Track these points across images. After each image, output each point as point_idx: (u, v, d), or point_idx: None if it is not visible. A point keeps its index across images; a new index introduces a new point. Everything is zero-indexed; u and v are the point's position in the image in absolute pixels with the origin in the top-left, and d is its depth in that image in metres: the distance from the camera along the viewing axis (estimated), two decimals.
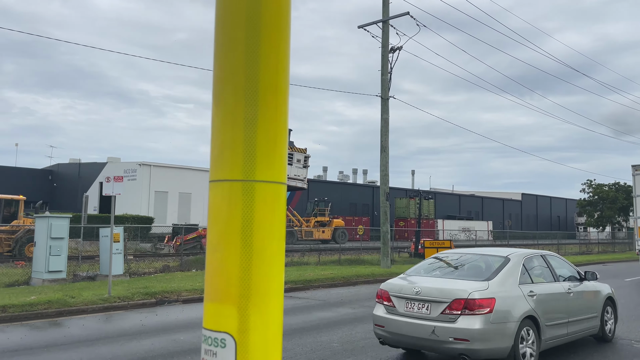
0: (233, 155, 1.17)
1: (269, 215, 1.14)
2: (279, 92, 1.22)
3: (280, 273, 1.15)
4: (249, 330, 1.04)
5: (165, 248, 30.63)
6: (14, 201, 25.19)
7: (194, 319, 10.49)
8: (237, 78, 1.19)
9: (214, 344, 1.06)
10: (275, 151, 1.18)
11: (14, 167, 55.58)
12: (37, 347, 7.92)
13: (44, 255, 14.66)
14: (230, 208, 1.15)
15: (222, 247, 1.13)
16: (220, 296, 1.09)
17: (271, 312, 1.10)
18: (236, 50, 1.20)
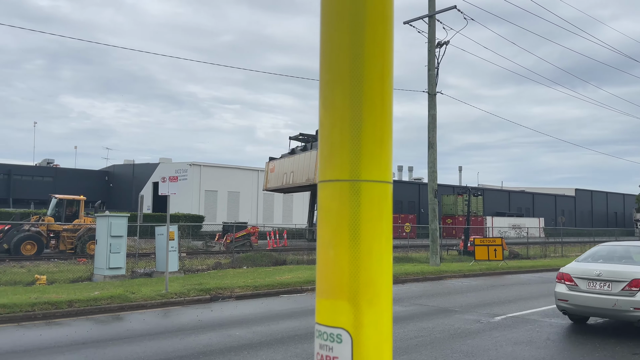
0: (340, 156, 1.24)
1: (376, 213, 1.20)
2: (384, 94, 1.28)
3: (389, 271, 1.21)
4: (363, 326, 1.11)
5: (216, 246, 31.42)
6: (75, 201, 26.44)
7: (248, 315, 10.76)
8: (343, 81, 1.26)
9: (330, 339, 1.13)
10: (381, 151, 1.23)
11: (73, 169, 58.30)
12: (103, 341, 8.35)
13: (105, 252, 15.37)
14: (339, 207, 1.22)
15: (332, 245, 1.21)
16: (334, 293, 1.16)
17: (383, 309, 1.17)
18: (341, 53, 1.27)
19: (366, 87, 1.22)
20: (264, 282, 14.47)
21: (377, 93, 1.24)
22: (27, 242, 24.10)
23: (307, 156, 35.77)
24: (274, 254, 22.27)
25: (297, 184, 36.31)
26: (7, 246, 23.75)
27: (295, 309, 11.45)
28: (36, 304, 10.56)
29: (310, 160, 35.31)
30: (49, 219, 25.52)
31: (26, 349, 7.76)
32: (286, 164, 38.25)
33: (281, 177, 38.30)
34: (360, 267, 1.14)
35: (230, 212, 49.01)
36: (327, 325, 1.14)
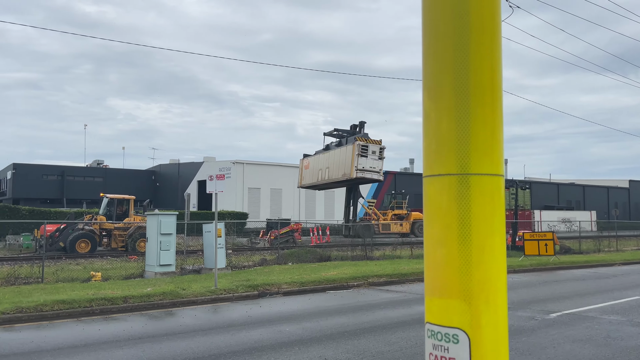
0: (448, 149, 1.19)
1: (488, 208, 1.14)
2: (494, 82, 1.22)
3: (503, 268, 1.15)
4: (481, 327, 1.06)
5: (261, 242, 31.81)
6: (125, 200, 27.31)
7: (296, 311, 10.82)
8: (449, 72, 1.21)
9: (445, 339, 1.08)
10: (492, 142, 1.17)
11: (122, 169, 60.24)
12: (158, 336, 8.57)
13: (155, 250, 15.79)
14: (447, 203, 1.17)
15: (442, 243, 1.16)
16: (447, 292, 1.11)
17: (499, 308, 1.11)
18: (445, 51, 1.22)
19: (475, 76, 1.16)
20: (310, 279, 14.52)
21: (487, 81, 1.18)
22: (81, 241, 25.09)
23: (343, 151, 35.39)
24: (318, 250, 22.31)
25: (334, 179, 35.99)
26: (62, 244, 24.78)
27: (343, 305, 11.44)
28: (94, 300, 10.96)
29: (346, 154, 34.93)
30: (101, 217, 26.48)
31: (86, 344, 8.05)
32: (321, 160, 37.95)
33: (316, 174, 38.15)
34: (474, 265, 1.09)
35: (273, 209, 49.47)
36: (442, 325, 1.08)
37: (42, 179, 53.11)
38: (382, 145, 35.48)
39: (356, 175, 33.98)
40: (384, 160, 35.83)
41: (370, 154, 34.54)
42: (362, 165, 34.08)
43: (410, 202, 59.89)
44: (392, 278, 15.45)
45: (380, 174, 35.45)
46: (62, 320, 9.96)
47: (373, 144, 34.96)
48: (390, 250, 24.94)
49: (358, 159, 33.91)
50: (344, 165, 34.79)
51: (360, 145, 34.17)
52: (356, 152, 33.86)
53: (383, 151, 35.44)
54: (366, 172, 34.34)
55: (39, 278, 14.99)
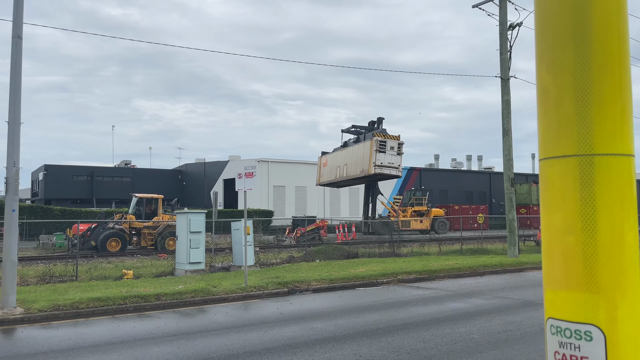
0: (570, 128, 1.10)
1: (616, 192, 1.05)
2: (621, 54, 1.12)
3: (637, 258, 1.07)
4: (617, 322, 0.98)
5: (287, 240, 31.90)
6: (154, 199, 27.70)
7: (327, 308, 10.78)
8: (569, 44, 1.12)
9: (576, 336, 1.00)
10: (622, 120, 1.07)
11: (149, 169, 61.15)
12: (192, 332, 8.64)
13: (185, 248, 15.95)
14: (571, 187, 1.09)
15: (567, 231, 1.08)
16: (575, 284, 1.04)
17: (636, 302, 1.03)
18: (568, 9, 1.12)
19: (597, 47, 1.07)
20: (339, 275, 14.48)
21: (614, 53, 1.09)
22: (112, 239, 25.55)
23: (361, 147, 34.84)
24: (345, 247, 22.26)
25: (352, 176, 35.46)
26: (94, 243, 25.27)
27: (374, 302, 11.35)
28: (127, 298, 11.12)
29: (364, 150, 34.36)
30: (131, 217, 26.91)
31: (123, 340, 8.16)
32: (339, 157, 37.44)
33: (334, 171, 37.68)
34: (606, 255, 1.01)
35: (298, 207, 49.58)
36: (570, 320, 1.01)
37: (72, 179, 54.28)
38: (400, 140, 34.83)
39: (374, 172, 33.50)
40: (403, 155, 35.19)
41: (389, 149, 33.99)
42: (380, 161, 33.58)
43: (436, 198, 59.38)
44: (421, 275, 15.29)
45: (399, 169, 34.86)
46: (97, 318, 10.13)
47: (391, 140, 34.35)
48: (417, 247, 24.71)
49: (376, 155, 33.42)
50: (362, 161, 34.30)
51: (378, 141, 33.64)
52: (374, 148, 33.36)
53: (402, 147, 34.81)
54: (384, 167, 33.84)
55: (73, 276, 15.30)
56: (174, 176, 60.99)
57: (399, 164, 34.68)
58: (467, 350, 7.24)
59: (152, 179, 56.69)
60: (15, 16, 10.56)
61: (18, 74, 10.54)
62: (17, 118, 10.48)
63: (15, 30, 10.52)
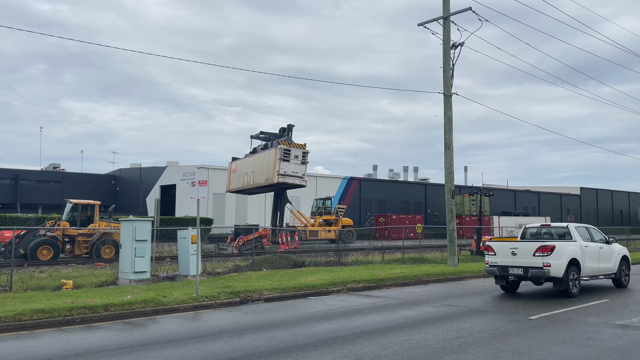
0: None
1: None
2: None
3: None
4: None
5: (229, 248, 31.47)
6: (90, 206, 26.50)
7: (283, 317, 10.82)
8: None
9: None
10: None
11: (80, 173, 58.38)
12: (150, 344, 8.41)
13: (130, 256, 15.44)
14: None
15: None
16: None
17: None
18: None
19: None
20: (290, 285, 14.54)
21: None
22: (43, 247, 24.17)
23: (267, 155, 34.12)
24: (292, 256, 22.33)
25: (258, 184, 34.60)
26: (23, 251, 23.81)
27: (328, 311, 11.52)
28: (73, 309, 10.64)
29: (269, 158, 33.64)
30: (65, 223, 25.60)
31: (77, 353, 7.82)
32: (247, 164, 36.48)
33: (242, 178, 36.60)
34: None
35: (239, 214, 49.04)
36: None
37: None
38: (305, 149, 34.32)
39: (277, 180, 32.82)
40: (308, 164, 33.99)
41: (293, 158, 33.41)
42: (284, 169, 32.90)
43: (375, 207, 60.73)
44: (369, 283, 15.65)
45: (303, 179, 34.12)
46: (42, 330, 9.63)
47: (296, 148, 33.81)
48: (362, 256, 25.20)
49: (280, 163, 32.73)
50: (267, 169, 33.55)
51: (283, 149, 33.03)
52: (278, 155, 32.75)
53: (307, 156, 34.14)
54: (288, 177, 33.19)
55: (7, 286, 14.39)
56: (107, 181, 58.56)
57: (303, 173, 34.02)
58: (427, 356, 7.54)
59: (84, 184, 54.19)
60: None
61: None
62: None
63: None
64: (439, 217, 62.73)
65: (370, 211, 59.67)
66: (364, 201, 60.07)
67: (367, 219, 58.05)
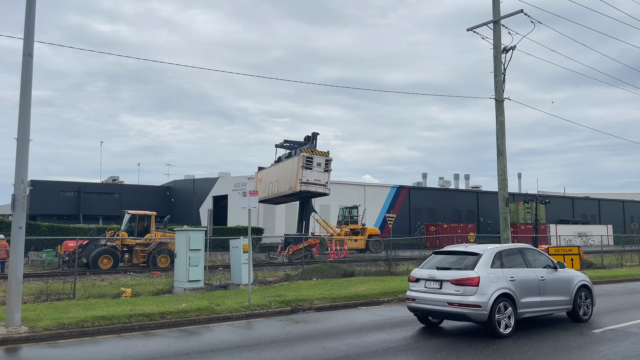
0: None
1: None
2: None
3: None
4: None
5: (279, 257, 31.80)
6: (146, 216, 27.48)
7: (334, 327, 10.80)
8: None
9: None
10: None
11: (137, 185, 60.68)
12: (204, 352, 8.60)
13: (185, 265, 15.86)
14: None
15: None
16: None
17: None
18: None
19: None
20: (340, 294, 14.50)
21: None
22: (104, 257, 25.24)
23: (290, 163, 33.67)
24: (342, 265, 22.29)
25: (282, 192, 34.12)
26: (85, 260, 24.94)
27: (380, 321, 11.41)
28: (132, 316, 11.03)
29: (292, 167, 33.17)
30: (123, 233, 26.65)
31: (136, 359, 8.09)
32: (272, 173, 36.16)
33: (268, 187, 36.21)
34: None
35: (289, 224, 49.45)
36: None
37: (58, 195, 53.60)
38: (328, 157, 33.66)
39: (300, 189, 32.25)
40: (331, 172, 33.59)
41: (315, 166, 32.80)
42: (306, 177, 32.28)
43: (425, 216, 59.80)
44: None
45: (326, 187, 33.38)
46: (103, 336, 10.03)
47: (319, 156, 33.22)
48: (413, 265, 24.80)
49: (302, 171, 32.17)
50: (290, 178, 33.09)
51: (305, 157, 32.51)
52: (301, 163, 32.26)
53: (330, 163, 33.49)
54: (310, 185, 32.52)
55: (70, 294, 15.09)
56: (162, 193, 60.57)
57: (326, 181, 33.32)
58: None
59: (140, 196, 56.24)
60: (27, 34, 10.61)
61: (28, 91, 10.55)
62: (26, 135, 10.47)
63: (26, 48, 10.56)
64: (492, 225, 61.02)
65: (420, 220, 58.83)
66: (414, 210, 59.30)
67: (418, 228, 57.24)
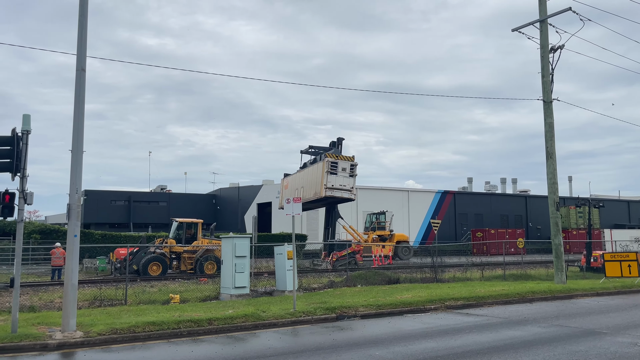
0: None
1: None
2: None
3: None
4: None
5: (323, 264, 31.79)
6: (193, 224, 28.09)
7: (380, 334, 10.67)
8: None
9: None
10: None
11: (184, 194, 62.26)
12: (251, 358, 8.65)
13: (231, 272, 16.09)
14: None
15: None
16: None
17: None
18: None
19: None
20: (386, 301, 14.34)
21: None
22: (153, 264, 25.93)
23: (315, 169, 33.25)
24: (386, 272, 22.07)
25: (307, 198, 33.38)
26: (136, 267, 25.69)
27: (427, 329, 11.19)
28: (181, 322, 11.26)
29: (317, 172, 32.71)
30: (171, 241, 27.33)
31: None
32: (297, 179, 35.87)
33: (293, 194, 35.71)
34: None
35: None
36: None
37: (110, 204, 55.62)
38: (354, 162, 33.07)
39: (325, 194, 31.78)
40: (356, 177, 32.97)
41: (340, 171, 32.25)
42: (331, 183, 31.80)
43: (471, 222, 58.50)
44: (469, 301, 15.02)
45: (351, 192, 32.79)
46: (153, 342, 10.26)
47: (343, 161, 32.71)
48: (459, 272, 24.31)
49: (327, 177, 31.71)
50: (315, 183, 32.68)
51: (330, 162, 32.08)
52: (325, 169, 31.82)
53: (355, 168, 32.89)
54: (335, 190, 32.04)
55: (122, 300, 15.57)
56: (208, 200, 61.85)
57: (352, 186, 32.76)
58: None
59: (187, 204, 57.62)
60: (80, 50, 11.07)
61: (81, 104, 10.99)
62: (80, 146, 10.89)
63: (79, 63, 11.02)
64: (541, 230, 59.05)
65: (466, 226, 57.60)
66: (459, 215, 58.14)
67: (464, 234, 56.05)
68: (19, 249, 10.32)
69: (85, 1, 11.08)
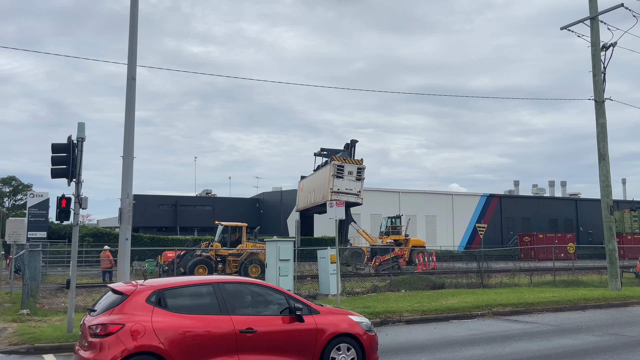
0: None
1: None
2: None
3: None
4: None
5: (366, 268, 31.66)
6: (238, 227, 28.55)
7: (425, 340, 10.53)
8: None
9: None
10: None
11: (229, 198, 63.39)
12: None
13: (275, 275, 16.26)
14: None
15: None
16: None
17: None
18: None
19: None
20: (431, 307, 14.14)
21: None
22: (199, 266, 26.48)
23: (323, 172, 32.63)
24: (431, 277, 21.76)
25: (317, 202, 32.95)
26: (183, 270, 26.31)
27: (474, 336, 10.96)
28: None
29: (324, 176, 32.09)
30: (217, 244, 27.86)
31: None
32: (310, 182, 35.31)
33: (306, 196, 35.14)
34: None
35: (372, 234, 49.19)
36: None
37: (158, 208, 57.22)
38: (361, 165, 32.21)
39: (331, 198, 30.90)
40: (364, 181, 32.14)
41: (347, 174, 31.67)
42: (337, 187, 31.27)
43: (518, 226, 56.92)
44: (517, 307, 14.61)
45: (358, 196, 32.06)
46: None
47: (350, 164, 31.95)
48: (507, 277, 23.69)
49: (333, 180, 31.22)
50: (323, 187, 32.18)
51: (336, 166, 31.48)
52: (331, 172, 31.32)
53: (362, 171, 32.05)
54: (341, 194, 31.27)
55: None
56: (252, 204, 62.70)
57: (358, 190, 31.99)
58: None
59: (232, 208, 58.58)
60: (130, 60, 11.49)
61: (132, 112, 11.39)
62: (131, 153, 11.28)
63: (130, 72, 11.43)
64: (593, 235, 56.78)
65: (513, 230, 56.11)
66: (506, 219, 56.69)
67: (510, 239, 54.59)
68: (74, 251, 10.77)
69: (136, 14, 11.50)
